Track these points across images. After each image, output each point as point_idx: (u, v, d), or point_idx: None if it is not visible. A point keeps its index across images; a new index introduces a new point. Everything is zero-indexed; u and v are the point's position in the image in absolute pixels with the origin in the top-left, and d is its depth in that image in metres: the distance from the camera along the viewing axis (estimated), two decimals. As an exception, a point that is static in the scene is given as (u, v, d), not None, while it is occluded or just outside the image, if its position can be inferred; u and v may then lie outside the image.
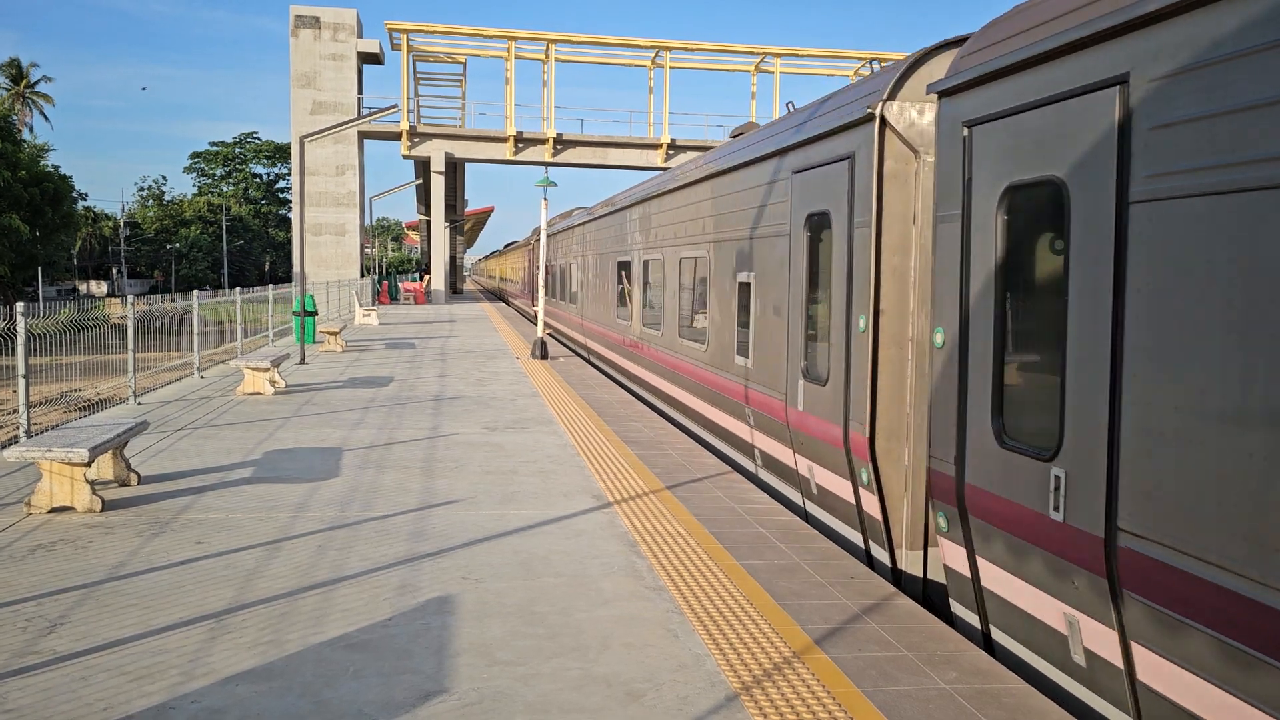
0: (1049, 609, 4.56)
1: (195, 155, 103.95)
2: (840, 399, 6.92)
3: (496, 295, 66.56)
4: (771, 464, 8.65)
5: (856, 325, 6.66)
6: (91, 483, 7.40)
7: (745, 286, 9.22)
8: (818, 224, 7.54)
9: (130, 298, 13.76)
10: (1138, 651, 3.97)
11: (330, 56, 49.01)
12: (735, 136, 11.61)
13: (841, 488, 7.09)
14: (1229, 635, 3.45)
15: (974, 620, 5.32)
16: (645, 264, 14.45)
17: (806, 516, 7.95)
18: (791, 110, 8.95)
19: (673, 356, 12.44)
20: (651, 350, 13.87)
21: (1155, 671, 3.89)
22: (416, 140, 49.26)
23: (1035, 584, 4.63)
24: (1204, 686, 3.61)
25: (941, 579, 6.18)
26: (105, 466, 8.12)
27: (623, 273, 16.50)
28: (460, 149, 50.03)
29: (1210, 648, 3.54)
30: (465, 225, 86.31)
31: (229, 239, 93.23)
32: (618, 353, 16.96)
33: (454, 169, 57.43)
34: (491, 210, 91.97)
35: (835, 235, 7.06)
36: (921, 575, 6.46)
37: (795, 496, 8.22)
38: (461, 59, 51.02)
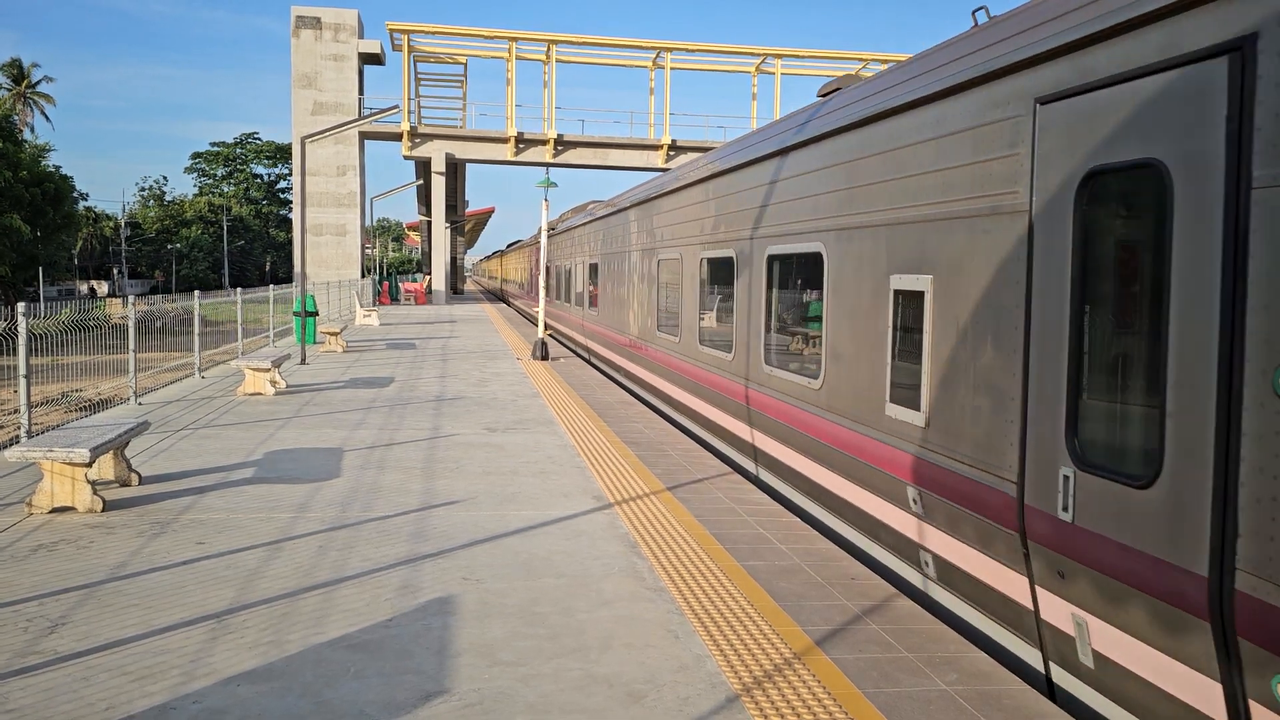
0: None
1: (196, 155, 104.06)
2: (1202, 525, 3.70)
3: (497, 296, 66.49)
4: (963, 582, 5.50)
5: (1266, 383, 3.49)
6: (93, 483, 7.40)
7: (908, 297, 6.10)
8: (1117, 188, 4.35)
9: (131, 298, 13.76)
10: None
11: (331, 57, 49.02)
12: (827, 95, 8.42)
13: (1188, 685, 3.84)
14: None
15: None
16: (702, 263, 11.09)
17: (1051, 689, 4.83)
18: (987, 18, 5.92)
19: (755, 390, 9.09)
20: (714, 378, 10.49)
21: None
22: (417, 141, 49.28)
23: None
24: None
25: None
26: (106, 467, 8.12)
27: (664, 274, 13.08)
28: (461, 149, 50.04)
29: None
30: (466, 226, 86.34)
31: (230, 239, 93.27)
32: (657, 374, 13.62)
33: (454, 169, 57.42)
34: (492, 211, 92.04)
35: (1182, 207, 3.85)
36: None
37: (1029, 655, 4.97)
38: (462, 60, 51.05)
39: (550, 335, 25.23)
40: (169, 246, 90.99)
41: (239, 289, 19.76)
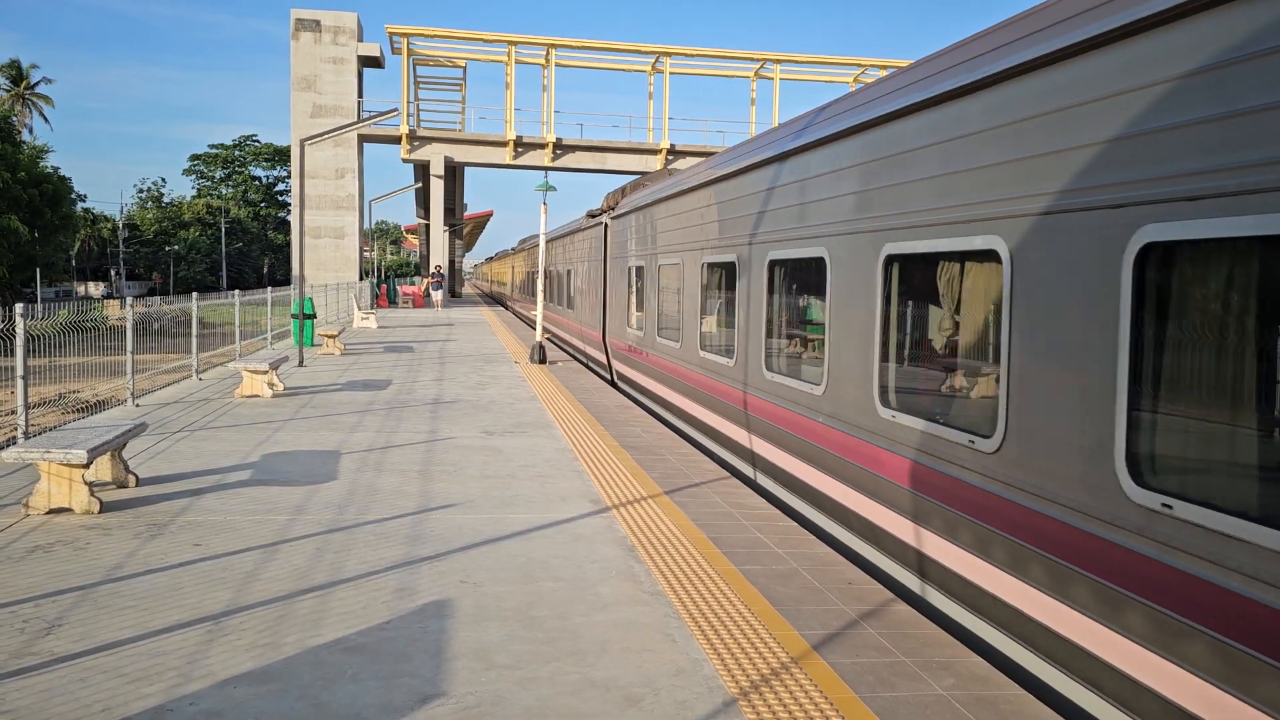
0: None
1: (195, 157, 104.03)
2: None
3: (495, 300, 66.36)
4: None
5: None
6: (90, 484, 7.39)
7: None
8: None
9: (129, 299, 13.75)
10: None
11: (330, 60, 49.02)
12: None
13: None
14: None
15: None
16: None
17: None
18: None
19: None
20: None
21: None
22: (416, 144, 49.29)
23: None
24: None
25: None
26: (103, 468, 8.11)
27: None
28: (460, 153, 50.06)
29: None
30: (464, 229, 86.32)
31: (228, 241, 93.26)
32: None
33: (453, 173, 57.45)
34: (490, 214, 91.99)
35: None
36: None
37: None
38: (461, 63, 51.10)
39: (548, 339, 25.20)
40: (167, 248, 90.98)
41: (237, 291, 19.76)
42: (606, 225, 18.29)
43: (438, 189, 49.47)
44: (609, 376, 18.40)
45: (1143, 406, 4.06)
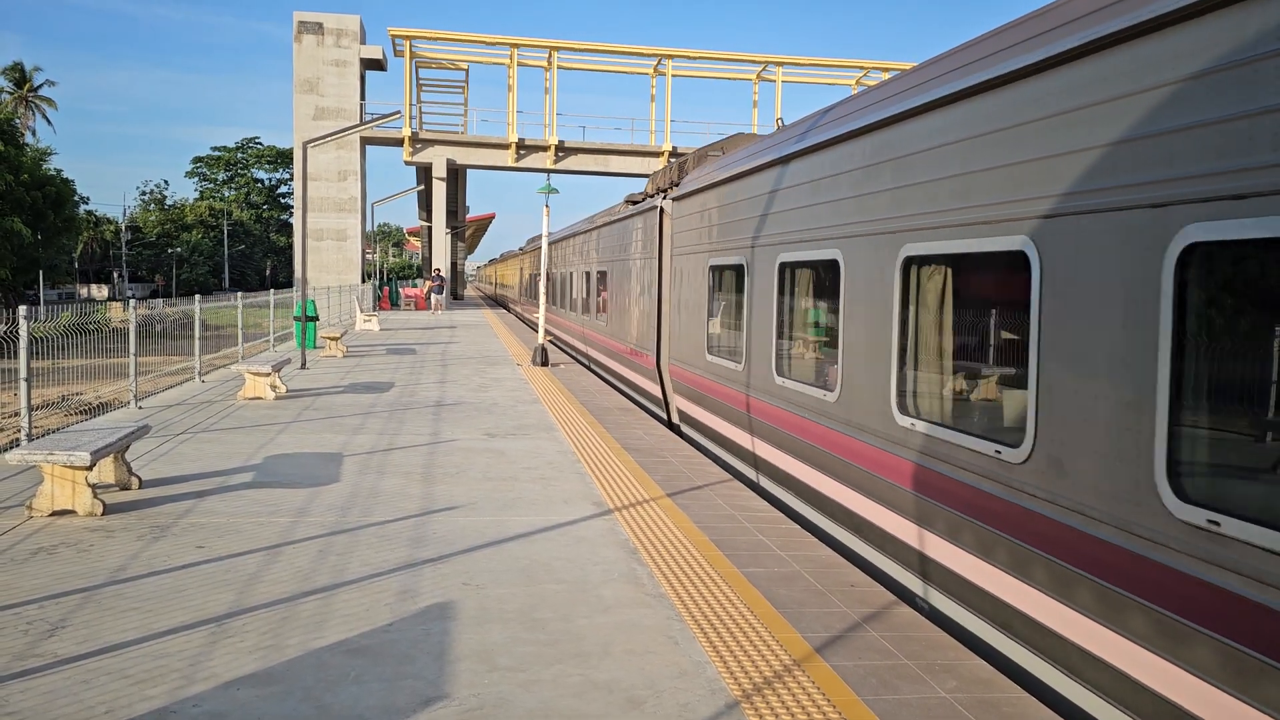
0: None
1: (197, 160, 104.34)
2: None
3: (499, 304, 66.32)
4: None
5: None
6: (93, 486, 7.41)
7: None
8: None
9: (132, 301, 13.77)
10: None
11: (333, 62, 49.12)
12: None
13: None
14: None
15: None
16: None
17: None
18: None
19: None
20: None
21: None
22: (418, 146, 49.36)
23: None
24: None
25: None
26: (107, 470, 8.13)
27: None
28: (462, 155, 50.14)
29: None
30: (466, 232, 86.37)
31: (230, 244, 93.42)
32: None
33: (455, 175, 57.51)
34: (493, 217, 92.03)
35: None
36: None
37: None
38: (464, 65, 51.19)
39: (550, 340, 25.20)
40: (170, 250, 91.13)
41: (239, 293, 19.78)
42: (663, 210, 13.62)
43: (440, 191, 49.54)
44: (665, 416, 13.76)
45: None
